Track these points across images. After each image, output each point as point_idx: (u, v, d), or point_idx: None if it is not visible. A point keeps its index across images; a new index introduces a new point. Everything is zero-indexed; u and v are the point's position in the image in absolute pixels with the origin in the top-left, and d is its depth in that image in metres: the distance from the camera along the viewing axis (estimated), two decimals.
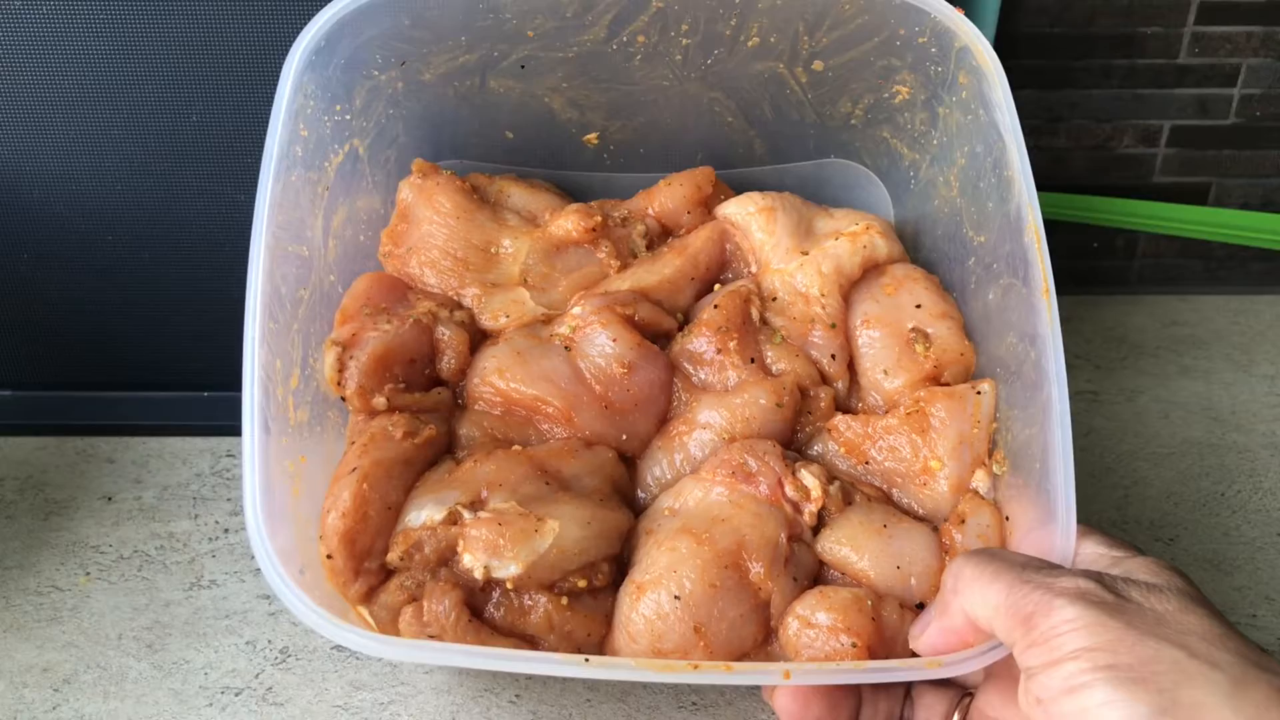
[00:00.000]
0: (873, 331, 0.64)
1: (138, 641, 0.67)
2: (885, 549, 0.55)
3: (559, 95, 0.68)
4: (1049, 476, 0.51)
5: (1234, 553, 0.74)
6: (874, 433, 0.60)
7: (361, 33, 0.61)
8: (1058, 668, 0.41)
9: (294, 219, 0.58)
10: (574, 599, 0.54)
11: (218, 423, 0.83)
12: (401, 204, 0.67)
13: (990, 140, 0.59)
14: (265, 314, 0.54)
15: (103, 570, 0.72)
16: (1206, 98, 0.99)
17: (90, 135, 0.75)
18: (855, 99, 0.68)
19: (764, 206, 0.67)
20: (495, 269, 0.66)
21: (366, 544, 0.54)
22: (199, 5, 0.71)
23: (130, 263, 0.79)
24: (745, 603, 0.53)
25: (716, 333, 0.62)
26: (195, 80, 0.73)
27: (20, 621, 0.68)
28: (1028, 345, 0.55)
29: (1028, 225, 0.55)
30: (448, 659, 0.49)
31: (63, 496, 0.78)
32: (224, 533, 0.75)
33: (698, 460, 0.60)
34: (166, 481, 0.79)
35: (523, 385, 0.60)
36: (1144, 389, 0.91)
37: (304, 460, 0.56)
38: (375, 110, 0.65)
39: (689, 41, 0.65)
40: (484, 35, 0.64)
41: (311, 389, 0.58)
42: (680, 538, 0.54)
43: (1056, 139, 1.00)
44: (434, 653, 0.49)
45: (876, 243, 0.66)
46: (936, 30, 0.61)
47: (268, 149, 0.57)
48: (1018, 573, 0.46)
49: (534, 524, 0.53)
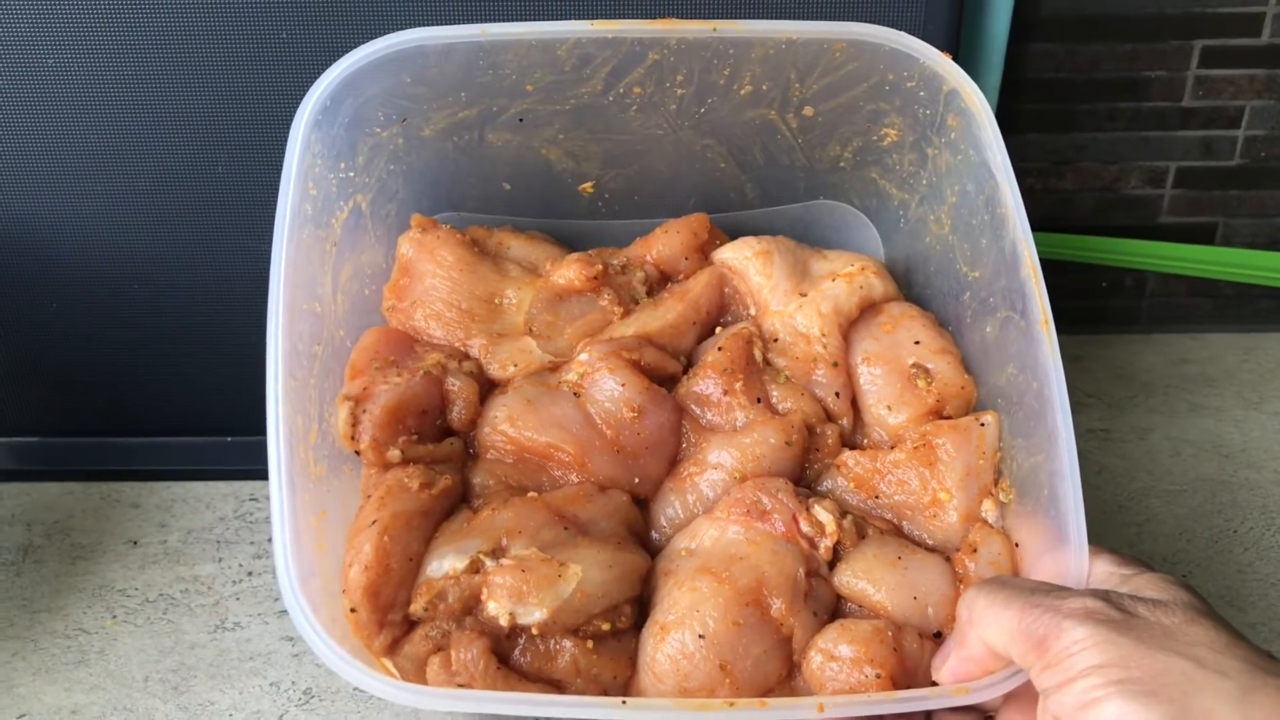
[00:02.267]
0: (874, 369, 0.65)
1: (163, 683, 0.67)
2: (901, 580, 0.56)
3: (556, 147, 0.70)
4: (1059, 501, 0.53)
5: (1248, 589, 0.75)
6: (882, 467, 0.61)
7: (364, 91, 0.63)
8: (1072, 685, 0.43)
9: (307, 277, 0.59)
10: (599, 642, 0.54)
11: (241, 467, 0.84)
12: (402, 259, 0.68)
13: (981, 179, 0.61)
14: (286, 371, 0.55)
15: (129, 613, 0.72)
16: (1211, 139, 1.01)
17: (117, 188, 0.77)
18: (844, 142, 0.70)
19: (760, 250, 0.69)
20: (500, 319, 0.67)
21: (390, 596, 0.55)
22: (223, 59, 0.74)
23: (155, 312, 0.81)
24: (768, 639, 0.54)
25: (722, 374, 0.64)
26: (221, 132, 0.76)
27: (48, 664, 0.68)
28: (1029, 376, 0.57)
29: (1024, 260, 0.57)
30: (486, 707, 0.50)
31: (89, 541, 0.79)
32: (248, 575, 0.75)
33: (710, 500, 0.61)
34: (191, 525, 0.80)
35: (534, 433, 0.61)
36: (1155, 427, 0.93)
37: (325, 515, 0.56)
38: (377, 166, 0.67)
39: (684, 91, 0.66)
40: (483, 91, 0.65)
41: (328, 443, 0.59)
42: (700, 577, 0.55)
43: (1064, 181, 1.02)
44: (469, 702, 0.50)
45: (873, 282, 0.68)
46: (925, 75, 0.63)
47: (280, 209, 0.58)
48: (1027, 598, 0.47)
49: (557, 569, 0.54)
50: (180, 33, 0.73)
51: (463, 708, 0.53)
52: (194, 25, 0.73)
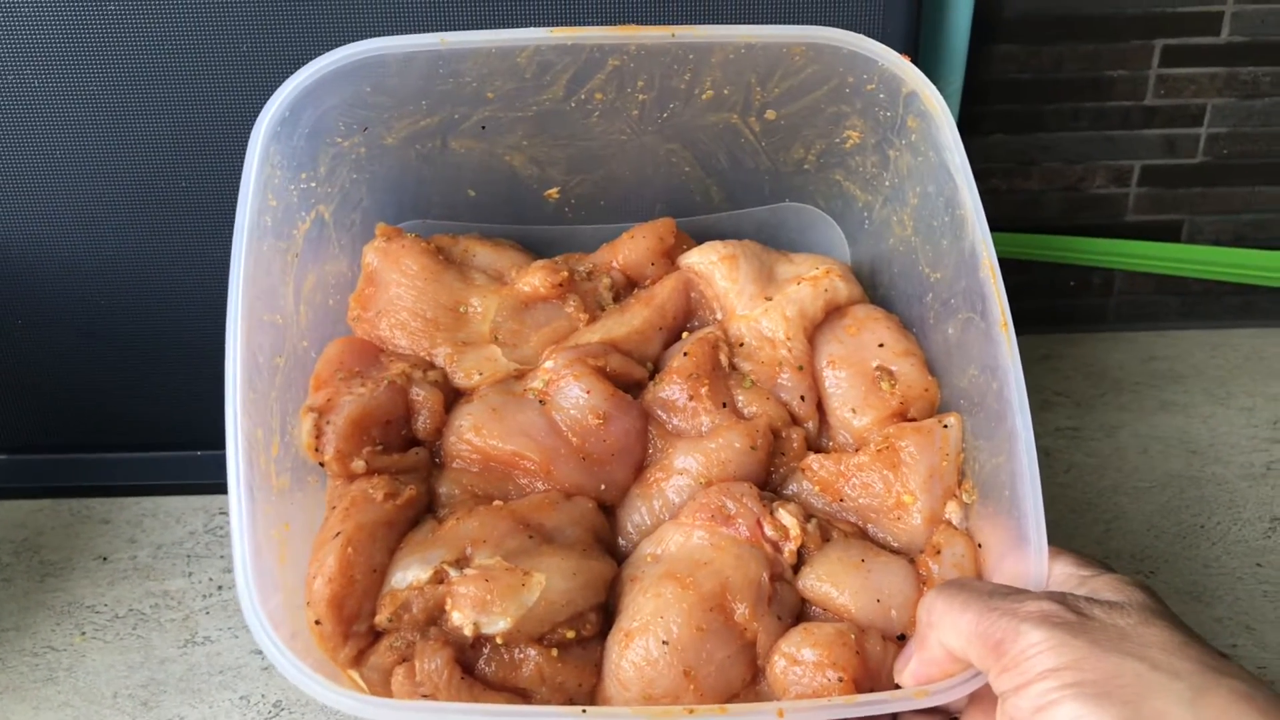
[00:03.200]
0: (839, 372, 0.65)
1: (133, 699, 0.67)
2: (865, 583, 0.56)
3: (520, 153, 0.70)
4: (1019, 503, 0.53)
5: (1214, 584, 0.76)
6: (847, 470, 0.61)
7: (324, 101, 0.62)
8: (1028, 689, 0.43)
9: (267, 288, 0.59)
10: (564, 650, 0.55)
11: (210, 481, 0.84)
12: (367, 268, 0.68)
13: (941, 180, 0.61)
14: (245, 384, 0.55)
15: (98, 630, 0.72)
16: (1174, 137, 1.02)
17: (82, 202, 0.77)
18: (808, 145, 0.70)
19: (726, 255, 0.69)
20: (465, 328, 0.67)
21: (354, 607, 0.54)
22: (185, 71, 0.74)
23: (122, 326, 0.80)
24: (732, 644, 0.54)
25: (688, 380, 0.64)
26: (185, 145, 0.76)
27: (16, 683, 0.68)
28: (989, 377, 0.57)
29: (982, 261, 0.57)
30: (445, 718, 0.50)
31: (58, 558, 0.78)
32: (218, 590, 0.75)
33: (676, 506, 0.61)
34: (161, 540, 0.80)
35: (499, 441, 0.61)
36: (1123, 424, 0.93)
37: (288, 528, 0.56)
38: (339, 176, 0.66)
39: (645, 97, 0.66)
40: (444, 99, 0.65)
41: (291, 455, 0.58)
42: (665, 583, 0.55)
43: (1029, 181, 1.03)
44: (432, 713, 0.50)
45: (837, 285, 0.68)
46: (884, 77, 0.63)
47: (239, 221, 0.58)
48: (985, 601, 0.48)
49: (520, 578, 0.54)
50: (141, 46, 0.73)
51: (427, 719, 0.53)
52: (155, 38, 0.73)
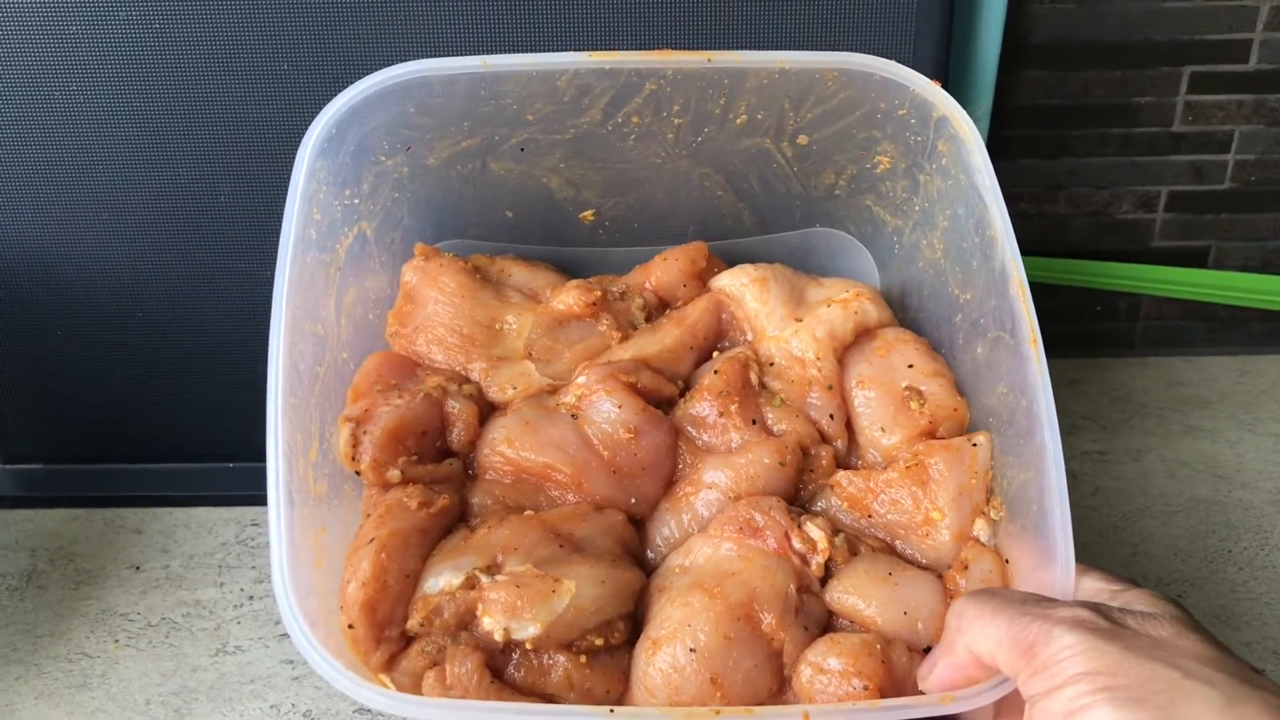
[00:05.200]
0: (868, 391, 0.66)
1: (165, 707, 0.68)
2: (892, 596, 0.56)
3: (557, 175, 0.71)
4: (1046, 518, 0.53)
5: (1241, 609, 0.75)
6: (875, 487, 0.62)
7: (369, 120, 0.64)
8: (1060, 692, 0.43)
9: (309, 299, 0.61)
10: (592, 657, 0.55)
11: (242, 493, 0.86)
12: (406, 286, 0.69)
13: (971, 202, 0.62)
14: (286, 390, 0.56)
15: (131, 637, 0.73)
16: (1202, 164, 1.03)
17: (121, 216, 0.80)
18: (839, 170, 0.71)
19: (757, 278, 0.70)
20: (500, 344, 0.68)
21: (387, 612, 0.55)
22: (228, 90, 0.76)
23: (159, 338, 0.83)
24: (759, 653, 0.54)
25: (718, 397, 0.64)
26: (224, 162, 0.78)
27: (50, 688, 0.69)
28: (1018, 394, 0.57)
29: (1012, 280, 0.58)
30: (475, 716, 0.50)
31: (92, 566, 0.80)
32: (249, 600, 0.76)
33: (705, 519, 0.61)
34: (193, 550, 0.81)
35: (532, 454, 0.62)
36: (1150, 448, 0.93)
37: (324, 531, 0.57)
38: (382, 194, 0.68)
39: (680, 121, 0.68)
40: (485, 120, 0.67)
41: (329, 462, 0.60)
42: (692, 593, 0.56)
43: (1057, 206, 1.03)
44: (461, 711, 0.50)
45: (867, 308, 0.69)
46: (915, 103, 0.64)
47: (284, 233, 0.59)
48: (1017, 607, 0.48)
49: (551, 585, 0.55)
50: (186, 63, 0.76)
51: (458, 718, 0.53)
52: (200, 56, 0.76)
